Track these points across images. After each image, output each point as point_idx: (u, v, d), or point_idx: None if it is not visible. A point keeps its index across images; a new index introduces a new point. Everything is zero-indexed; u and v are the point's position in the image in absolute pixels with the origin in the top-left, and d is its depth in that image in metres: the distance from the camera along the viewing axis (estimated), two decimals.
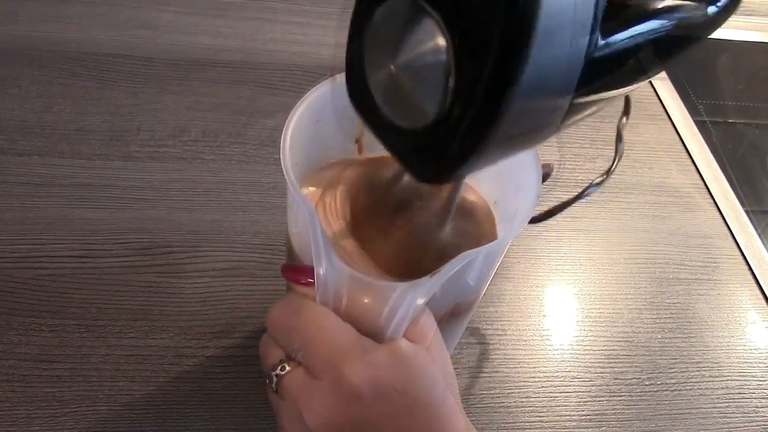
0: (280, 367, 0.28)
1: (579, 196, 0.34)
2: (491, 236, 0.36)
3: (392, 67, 0.22)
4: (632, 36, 0.22)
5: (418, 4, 0.20)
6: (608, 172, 0.34)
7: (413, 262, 0.32)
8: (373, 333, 0.27)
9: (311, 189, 0.37)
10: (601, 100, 0.24)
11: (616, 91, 0.24)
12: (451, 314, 0.33)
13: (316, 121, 0.33)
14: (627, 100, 0.34)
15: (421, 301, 0.27)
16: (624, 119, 0.35)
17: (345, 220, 0.35)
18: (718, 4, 0.24)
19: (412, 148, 0.23)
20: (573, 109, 0.21)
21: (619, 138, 0.35)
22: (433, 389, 0.27)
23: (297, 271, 0.29)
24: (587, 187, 0.34)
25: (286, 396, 0.28)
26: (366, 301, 0.27)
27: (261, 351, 0.30)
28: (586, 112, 0.24)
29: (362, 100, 0.25)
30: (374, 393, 0.26)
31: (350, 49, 0.25)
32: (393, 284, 0.27)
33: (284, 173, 0.29)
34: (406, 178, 0.35)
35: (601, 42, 0.20)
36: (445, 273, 0.26)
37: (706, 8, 0.24)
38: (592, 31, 0.19)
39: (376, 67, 0.23)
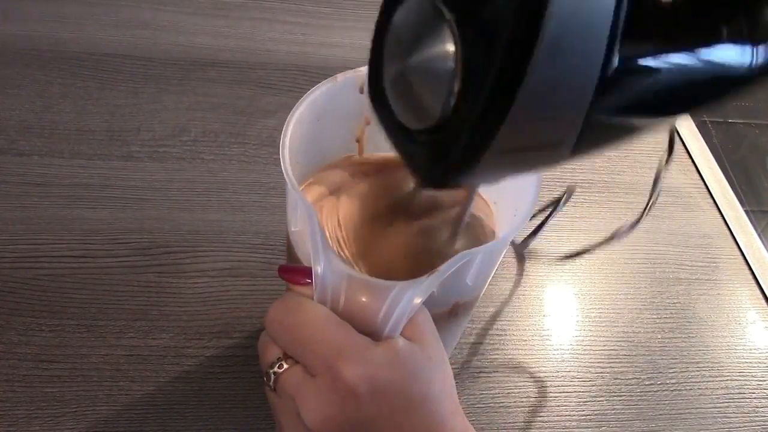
0: (277, 365, 0.28)
1: (608, 241, 0.33)
2: (491, 237, 0.36)
3: (404, 66, 0.22)
4: (656, 64, 0.20)
5: (435, 5, 0.20)
6: (637, 222, 0.33)
7: (420, 269, 0.32)
8: (370, 332, 0.27)
9: (312, 189, 0.37)
10: (621, 128, 0.22)
11: (635, 120, 0.22)
12: (450, 314, 0.33)
13: (316, 121, 0.33)
14: (671, 138, 0.32)
15: (418, 300, 0.27)
16: (665, 161, 0.33)
17: (352, 227, 0.35)
18: (762, 55, 0.22)
19: (418, 150, 0.23)
20: (588, 132, 0.21)
21: (655, 182, 0.33)
22: (431, 388, 0.27)
23: (294, 272, 0.29)
24: (617, 232, 0.33)
25: (284, 394, 0.28)
26: (363, 299, 0.27)
27: (259, 349, 0.30)
28: (605, 140, 0.22)
29: (379, 99, 0.25)
30: (371, 391, 0.26)
31: (373, 48, 0.25)
32: (390, 283, 0.27)
33: (283, 172, 0.29)
34: (417, 192, 0.35)
35: (620, 63, 0.19)
36: (443, 272, 0.26)
37: (753, 57, 0.22)
38: (609, 48, 0.18)
39: (390, 66, 0.23)
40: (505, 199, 0.36)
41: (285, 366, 0.28)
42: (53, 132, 0.54)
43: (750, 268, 0.55)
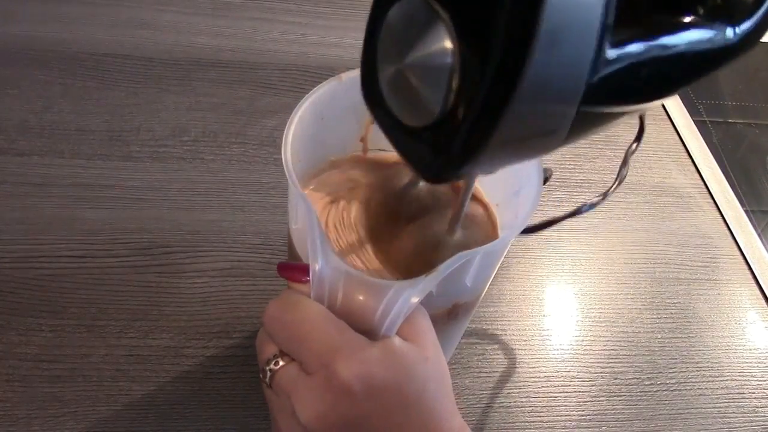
0: (273, 362, 0.28)
1: (573, 214, 0.34)
2: (492, 238, 0.36)
3: (401, 65, 0.22)
4: (643, 50, 0.21)
5: (428, 3, 0.20)
6: (605, 195, 0.34)
7: (421, 267, 0.32)
8: (367, 330, 0.27)
9: (314, 188, 0.37)
10: (611, 114, 0.23)
11: (625, 106, 0.24)
12: (449, 315, 0.33)
13: (320, 119, 0.33)
14: (641, 123, 0.34)
15: (415, 300, 0.27)
16: (635, 145, 0.34)
17: (355, 226, 0.35)
18: (737, 30, 0.24)
19: (417, 146, 0.24)
20: (580, 120, 0.21)
21: (624, 163, 0.34)
22: (427, 388, 0.27)
23: (293, 269, 0.29)
24: (582, 206, 0.34)
25: (279, 391, 0.28)
26: (361, 298, 0.27)
27: (257, 346, 0.30)
28: (595, 126, 0.23)
29: (374, 98, 0.25)
30: (366, 389, 0.26)
31: (365, 48, 0.25)
32: (388, 282, 0.27)
33: (284, 168, 0.29)
34: (418, 185, 0.35)
35: (611, 51, 0.20)
36: (441, 273, 0.26)
37: (726, 33, 0.24)
38: (600, 38, 0.19)
39: (386, 65, 0.24)
40: (506, 202, 0.36)
41: (281, 363, 0.28)
42: (53, 132, 0.54)
43: (750, 268, 0.55)
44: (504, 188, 0.35)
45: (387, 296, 0.27)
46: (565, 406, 0.44)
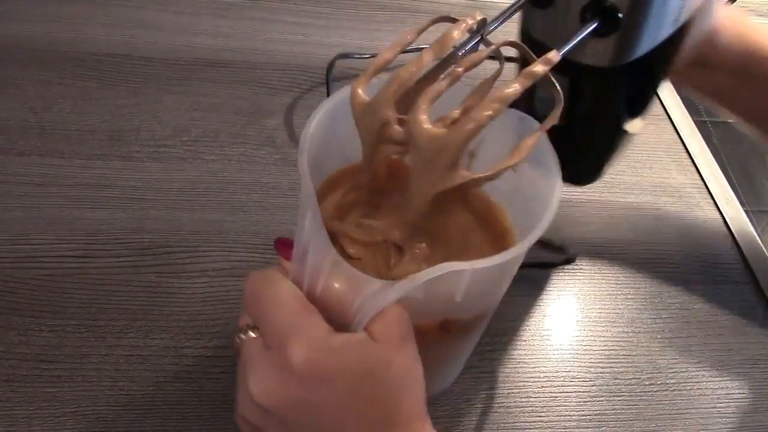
0: (244, 332, 0.29)
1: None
2: (499, 250, 0.35)
3: None
4: None
5: None
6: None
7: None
8: (342, 323, 0.28)
9: (329, 192, 0.37)
10: None
11: None
12: (440, 329, 0.32)
13: (344, 119, 0.33)
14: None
15: (391, 299, 0.27)
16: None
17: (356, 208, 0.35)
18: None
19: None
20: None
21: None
22: (386, 389, 0.27)
23: (284, 245, 0.30)
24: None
25: (241, 360, 0.29)
26: (338, 286, 0.27)
27: (240, 316, 0.31)
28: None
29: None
30: (314, 376, 0.26)
31: None
32: (370, 278, 0.27)
33: (299, 150, 0.29)
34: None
35: None
36: (420, 278, 0.26)
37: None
38: None
39: None
40: (523, 223, 0.35)
41: (251, 335, 0.29)
42: (53, 132, 0.54)
43: (750, 268, 0.55)
44: (529, 217, 0.33)
45: (366, 292, 0.27)
46: (565, 406, 0.44)
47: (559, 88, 0.29)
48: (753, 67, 0.43)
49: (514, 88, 0.27)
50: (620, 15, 0.32)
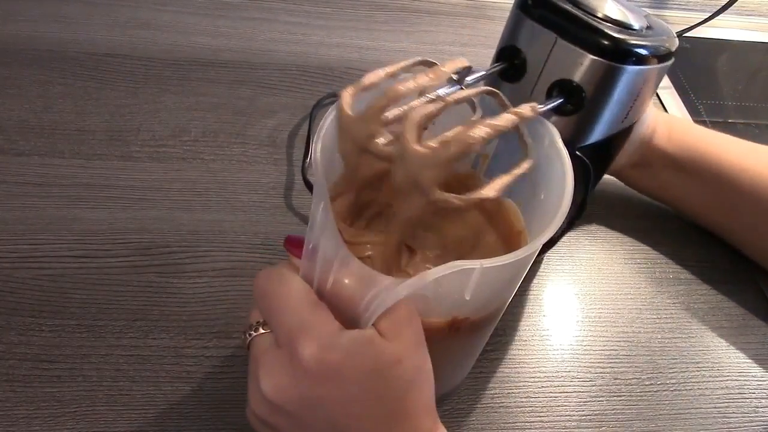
0: (254, 329, 0.29)
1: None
2: (508, 251, 0.35)
3: None
4: None
5: None
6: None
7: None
8: (351, 319, 0.28)
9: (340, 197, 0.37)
10: None
11: None
12: (449, 328, 0.32)
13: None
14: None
15: (400, 296, 0.27)
16: None
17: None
18: None
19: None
20: None
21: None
22: (393, 386, 0.27)
23: (294, 243, 0.30)
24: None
25: (252, 357, 0.29)
26: (348, 282, 0.27)
27: (249, 311, 0.31)
28: None
29: None
30: (323, 373, 0.26)
31: None
32: (379, 275, 0.27)
33: (312, 145, 0.29)
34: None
35: None
36: (430, 275, 0.26)
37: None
38: None
39: None
40: (536, 227, 0.35)
41: (261, 331, 0.29)
42: (53, 132, 0.54)
43: (750, 268, 0.55)
44: (542, 221, 0.33)
45: (375, 289, 0.27)
46: (565, 406, 0.44)
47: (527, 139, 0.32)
48: (692, 163, 0.50)
49: (505, 119, 0.29)
50: (584, 94, 0.36)
